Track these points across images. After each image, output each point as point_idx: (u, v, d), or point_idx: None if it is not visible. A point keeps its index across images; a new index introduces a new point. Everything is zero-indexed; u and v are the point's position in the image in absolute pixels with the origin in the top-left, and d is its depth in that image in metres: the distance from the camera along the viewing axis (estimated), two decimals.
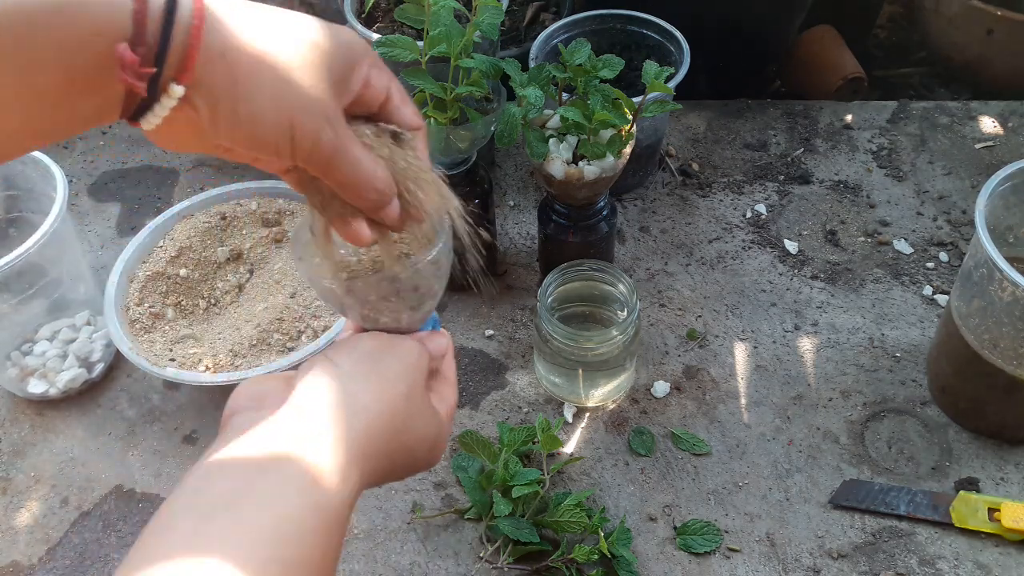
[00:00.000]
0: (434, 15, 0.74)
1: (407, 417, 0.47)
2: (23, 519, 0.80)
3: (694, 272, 0.97)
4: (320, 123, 0.43)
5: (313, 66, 0.42)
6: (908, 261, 0.97)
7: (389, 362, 0.48)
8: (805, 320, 0.92)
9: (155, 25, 0.38)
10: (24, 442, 0.86)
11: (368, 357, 0.47)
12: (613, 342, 0.78)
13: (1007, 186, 0.75)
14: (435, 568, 0.75)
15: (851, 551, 0.74)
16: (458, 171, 0.83)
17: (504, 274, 0.98)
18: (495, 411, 0.86)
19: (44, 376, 0.86)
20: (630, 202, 1.04)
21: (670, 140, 1.11)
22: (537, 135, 0.77)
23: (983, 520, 0.74)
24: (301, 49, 0.42)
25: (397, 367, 0.48)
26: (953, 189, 1.04)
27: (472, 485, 0.77)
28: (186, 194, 1.07)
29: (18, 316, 0.87)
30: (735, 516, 0.77)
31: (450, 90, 0.76)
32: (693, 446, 0.82)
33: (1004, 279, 0.68)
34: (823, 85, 1.20)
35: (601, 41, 0.99)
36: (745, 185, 1.06)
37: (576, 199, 0.83)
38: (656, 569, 0.74)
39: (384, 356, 0.48)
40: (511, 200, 1.06)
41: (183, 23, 0.38)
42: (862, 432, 0.83)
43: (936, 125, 1.12)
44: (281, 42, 0.41)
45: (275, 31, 0.41)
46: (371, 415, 0.45)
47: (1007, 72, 1.21)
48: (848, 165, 1.08)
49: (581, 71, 0.78)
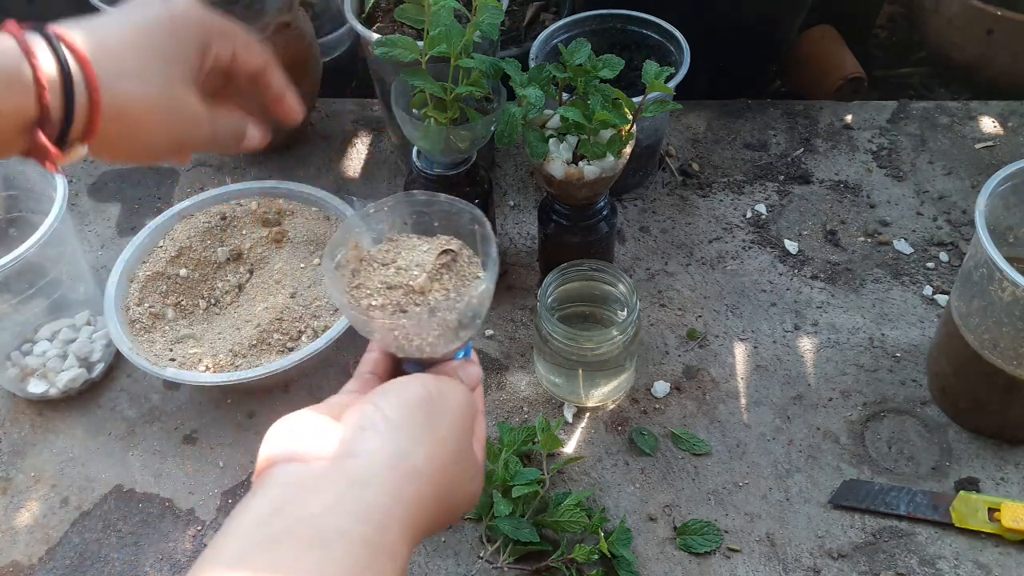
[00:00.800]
0: (434, 15, 0.74)
1: (455, 477, 0.45)
2: (23, 519, 0.80)
3: (694, 272, 0.97)
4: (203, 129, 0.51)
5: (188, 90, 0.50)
6: (908, 261, 0.97)
7: (440, 416, 0.45)
8: (805, 320, 0.92)
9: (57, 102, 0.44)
10: (24, 442, 0.86)
11: (419, 409, 0.44)
12: (613, 342, 0.78)
13: (1007, 186, 0.75)
14: (435, 568, 0.75)
15: (851, 551, 0.74)
16: (458, 171, 0.83)
17: (504, 274, 0.98)
18: (495, 411, 0.86)
19: (44, 376, 0.86)
20: (630, 202, 1.04)
21: (670, 140, 1.11)
22: (537, 135, 0.77)
23: (983, 520, 0.74)
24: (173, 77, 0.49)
25: (447, 421, 0.45)
26: (953, 189, 1.04)
27: None
28: (186, 194, 1.07)
29: (18, 316, 0.87)
30: (735, 516, 0.77)
31: (450, 90, 0.76)
32: (693, 446, 0.82)
33: (1004, 279, 0.68)
34: (823, 85, 1.20)
35: (601, 41, 0.99)
36: (745, 185, 1.06)
37: (576, 199, 0.83)
38: (656, 569, 0.74)
39: (435, 408, 0.45)
40: (511, 200, 1.06)
41: (80, 97, 0.45)
42: (862, 432, 0.83)
43: (936, 125, 1.12)
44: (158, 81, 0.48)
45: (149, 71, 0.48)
46: (423, 480, 0.42)
47: (1007, 72, 1.21)
48: (848, 165, 1.08)
49: (581, 71, 0.78)
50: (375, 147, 1.14)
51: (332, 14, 1.24)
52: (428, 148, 0.81)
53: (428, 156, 0.83)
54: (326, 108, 1.19)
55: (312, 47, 1.06)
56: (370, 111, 1.19)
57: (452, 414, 0.46)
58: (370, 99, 1.20)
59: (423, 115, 0.78)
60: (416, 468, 0.42)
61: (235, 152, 0.53)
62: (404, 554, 0.40)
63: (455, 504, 0.46)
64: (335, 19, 1.24)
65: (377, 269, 0.50)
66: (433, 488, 0.43)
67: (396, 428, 0.43)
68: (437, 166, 0.83)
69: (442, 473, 0.44)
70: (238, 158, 1.13)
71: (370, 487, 0.40)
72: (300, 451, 0.41)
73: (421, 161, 0.84)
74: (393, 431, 0.43)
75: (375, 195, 1.07)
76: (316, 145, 1.14)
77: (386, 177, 1.10)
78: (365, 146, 1.14)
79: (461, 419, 0.46)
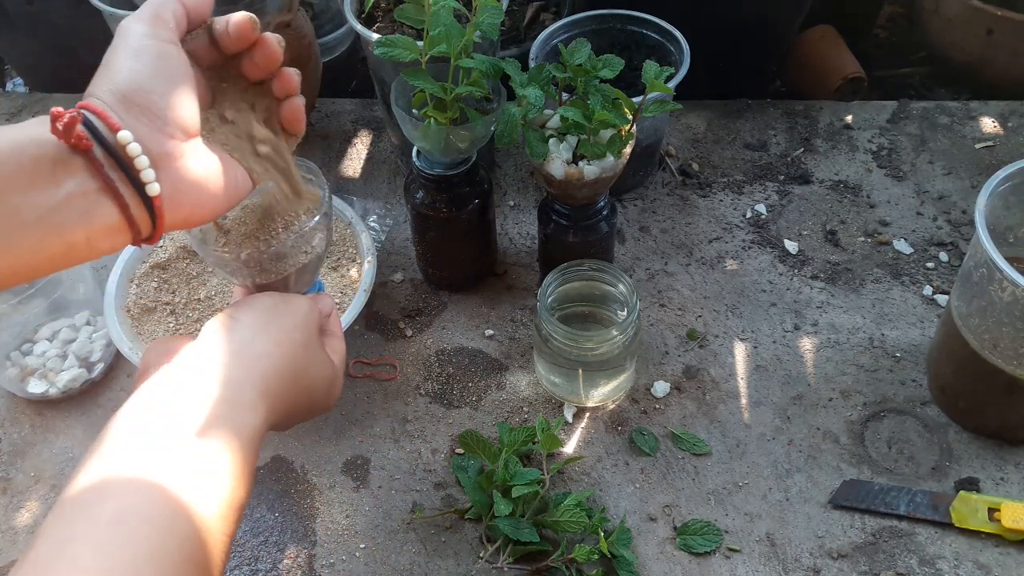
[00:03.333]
0: (434, 15, 0.74)
1: (305, 362, 0.55)
2: (23, 519, 0.80)
3: (694, 272, 0.97)
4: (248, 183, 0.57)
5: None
6: (908, 261, 0.97)
7: (284, 314, 0.55)
8: (805, 320, 0.92)
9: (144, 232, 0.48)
10: (24, 442, 0.86)
11: (265, 311, 0.55)
12: (613, 342, 0.78)
13: (1007, 186, 0.75)
14: (435, 568, 0.75)
15: (851, 551, 0.74)
16: (458, 171, 0.83)
17: (504, 274, 0.98)
18: (495, 411, 0.86)
19: (44, 376, 0.86)
20: (630, 202, 1.04)
21: (670, 140, 1.11)
22: (537, 135, 0.77)
23: (983, 520, 0.74)
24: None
25: (292, 319, 0.55)
26: (953, 189, 1.04)
27: (472, 485, 0.77)
28: None
29: (18, 316, 0.87)
30: (735, 516, 0.77)
31: (450, 90, 0.76)
32: (693, 446, 0.82)
33: (1004, 279, 0.68)
34: (823, 85, 1.20)
35: (601, 41, 0.99)
36: (745, 185, 1.06)
37: (576, 199, 0.83)
38: (656, 569, 0.74)
39: (279, 310, 0.55)
40: (511, 200, 1.06)
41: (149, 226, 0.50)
42: (862, 432, 0.83)
43: (936, 125, 1.12)
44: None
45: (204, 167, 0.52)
46: (272, 359, 0.52)
47: (1007, 72, 1.21)
48: (848, 165, 1.08)
49: (581, 71, 0.78)
50: (375, 147, 1.14)
51: (332, 14, 1.24)
52: (428, 148, 0.81)
53: (428, 156, 0.83)
54: (326, 108, 1.19)
55: (312, 47, 1.06)
56: (370, 111, 1.19)
57: (296, 315, 0.56)
58: (370, 99, 1.20)
59: (423, 115, 0.78)
60: (263, 350, 0.52)
61: None
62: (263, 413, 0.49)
63: (310, 388, 0.55)
64: (335, 19, 1.24)
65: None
66: (284, 366, 0.52)
67: (245, 324, 0.53)
68: (437, 166, 0.83)
69: (291, 357, 0.53)
70: None
71: (224, 367, 0.50)
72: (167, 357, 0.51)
73: (421, 161, 0.84)
74: (241, 326, 0.53)
75: (375, 195, 1.07)
76: (316, 145, 1.14)
77: (386, 177, 1.10)
78: (365, 146, 1.14)
79: (305, 319, 0.56)
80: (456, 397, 0.87)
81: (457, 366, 0.89)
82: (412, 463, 0.82)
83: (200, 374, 0.49)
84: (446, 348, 0.91)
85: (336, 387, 0.59)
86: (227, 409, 0.47)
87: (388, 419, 0.85)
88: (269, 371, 0.51)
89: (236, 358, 0.50)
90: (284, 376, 0.52)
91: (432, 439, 0.84)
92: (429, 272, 0.95)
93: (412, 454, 0.83)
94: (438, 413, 0.86)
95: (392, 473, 0.81)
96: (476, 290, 0.96)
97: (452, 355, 0.90)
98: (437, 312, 0.94)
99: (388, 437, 0.84)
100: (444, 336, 0.92)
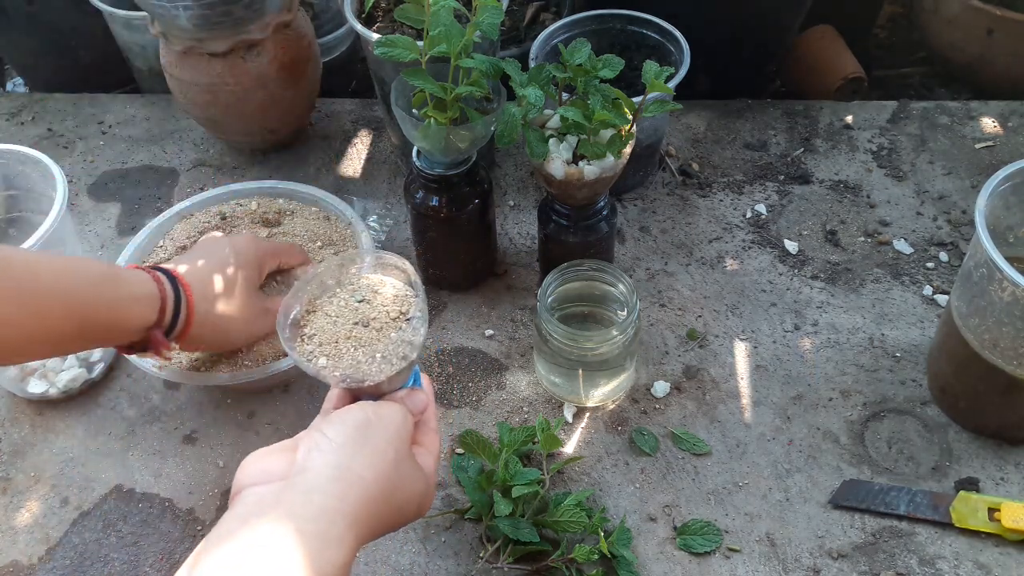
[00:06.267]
0: (434, 15, 0.74)
1: (397, 481, 0.54)
2: (23, 519, 0.80)
3: (694, 272, 0.97)
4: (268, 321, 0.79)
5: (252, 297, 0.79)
6: (908, 261, 0.97)
7: (377, 431, 0.54)
8: (805, 320, 0.92)
9: (169, 314, 0.71)
10: (24, 442, 0.86)
11: (357, 429, 0.54)
12: (613, 342, 0.78)
13: (1007, 186, 0.75)
14: (435, 568, 0.75)
15: (851, 551, 0.74)
16: (458, 171, 0.83)
17: (504, 274, 0.98)
18: (495, 411, 0.86)
19: (44, 376, 0.86)
20: (630, 202, 1.04)
21: (670, 140, 1.11)
22: (537, 135, 0.77)
23: (983, 520, 0.74)
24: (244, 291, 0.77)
25: (384, 434, 0.54)
26: (953, 189, 1.04)
27: (472, 485, 0.77)
28: (186, 194, 1.07)
29: None
30: (735, 516, 0.77)
31: (450, 90, 0.76)
32: (693, 446, 0.82)
33: (1004, 279, 0.68)
34: (823, 85, 1.20)
35: (601, 41, 0.99)
36: (745, 185, 1.06)
37: (576, 199, 0.83)
38: (656, 569, 0.74)
39: (372, 426, 0.54)
40: (511, 200, 1.06)
41: (183, 311, 0.72)
42: (862, 432, 0.83)
43: (936, 125, 1.12)
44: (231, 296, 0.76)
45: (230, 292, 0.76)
46: (366, 484, 0.51)
47: (1007, 72, 1.21)
48: (848, 165, 1.08)
49: (581, 71, 0.78)
50: (375, 147, 1.14)
51: (332, 14, 1.24)
52: (428, 148, 0.81)
53: (428, 156, 0.83)
54: (326, 108, 1.19)
55: (312, 47, 1.07)
56: (370, 111, 1.19)
57: (388, 429, 0.55)
58: (370, 99, 1.20)
59: (423, 115, 0.78)
60: (357, 475, 0.51)
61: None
62: (351, 544, 0.49)
63: (401, 504, 0.55)
64: (335, 19, 1.24)
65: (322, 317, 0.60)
66: (376, 489, 0.52)
67: (339, 445, 0.52)
68: (437, 166, 0.83)
69: (384, 478, 0.52)
70: (238, 158, 1.13)
71: (317, 493, 0.49)
72: (263, 476, 0.51)
73: (421, 161, 0.84)
74: (336, 448, 0.52)
75: (375, 195, 1.07)
76: (316, 145, 1.14)
77: (386, 177, 1.10)
78: (365, 146, 1.14)
79: (397, 432, 0.55)
80: (456, 397, 0.87)
81: (457, 366, 0.89)
82: None
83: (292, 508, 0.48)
84: (446, 348, 0.91)
85: (428, 497, 0.58)
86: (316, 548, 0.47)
87: None
88: (361, 498, 0.51)
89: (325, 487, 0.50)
90: (376, 500, 0.52)
91: None
92: (429, 272, 0.95)
93: None
94: (438, 413, 0.86)
95: None
96: (476, 290, 0.96)
97: (452, 355, 0.90)
98: (437, 312, 0.94)
99: None
100: (444, 336, 0.92)
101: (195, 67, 0.99)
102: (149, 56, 1.17)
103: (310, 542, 0.47)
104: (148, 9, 0.96)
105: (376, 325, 0.59)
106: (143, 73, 1.22)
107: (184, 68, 1.00)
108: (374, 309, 0.60)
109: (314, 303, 0.61)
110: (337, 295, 0.61)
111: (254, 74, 1.00)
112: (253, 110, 1.03)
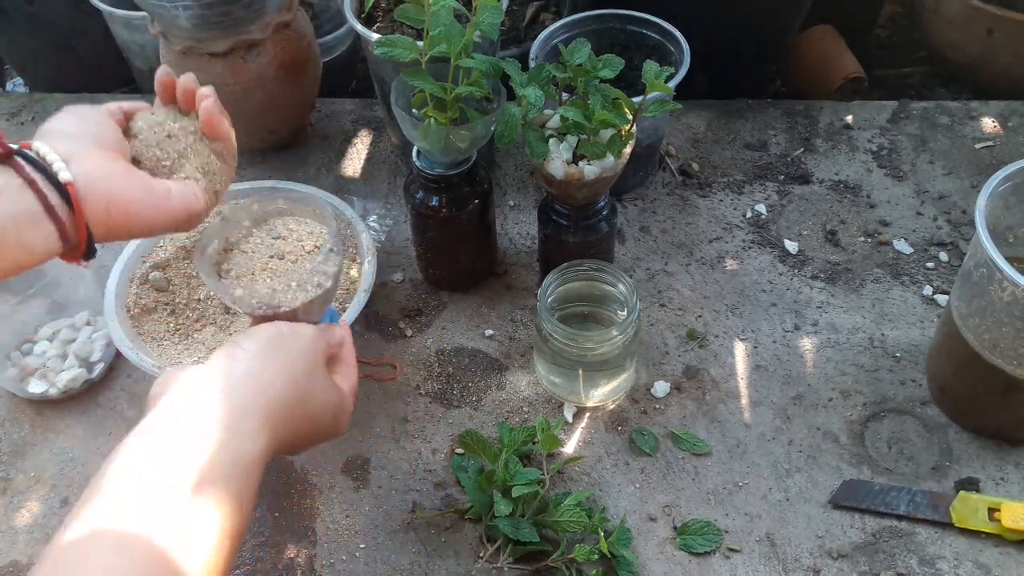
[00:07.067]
0: (434, 15, 0.74)
1: (308, 387, 0.57)
2: (23, 519, 0.80)
3: (694, 272, 0.97)
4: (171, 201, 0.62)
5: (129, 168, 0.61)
6: (908, 261, 0.97)
7: (289, 341, 0.57)
8: (805, 320, 0.92)
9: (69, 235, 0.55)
10: (24, 442, 0.86)
11: (269, 341, 0.57)
12: (613, 342, 0.78)
13: (1007, 186, 0.75)
14: (435, 568, 0.75)
15: (851, 551, 0.74)
16: (458, 171, 0.83)
17: (504, 274, 0.98)
18: (495, 411, 0.86)
19: (44, 376, 0.86)
20: (630, 202, 1.04)
21: (670, 140, 1.11)
22: (537, 135, 0.77)
23: (983, 520, 0.74)
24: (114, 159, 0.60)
25: (297, 345, 0.57)
26: (953, 189, 1.04)
27: (472, 485, 0.77)
28: None
29: (18, 316, 0.87)
30: (735, 516, 0.77)
31: (450, 90, 0.76)
32: (693, 446, 0.82)
33: (1004, 279, 0.68)
34: (823, 85, 1.20)
35: (601, 41, 0.99)
36: (745, 185, 1.06)
37: (576, 199, 0.83)
38: (656, 569, 0.74)
39: (284, 337, 0.57)
40: (511, 200, 1.06)
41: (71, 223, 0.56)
42: (862, 432, 0.83)
43: (936, 125, 1.12)
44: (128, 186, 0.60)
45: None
46: (275, 387, 0.54)
47: (1007, 72, 1.21)
48: (848, 165, 1.08)
49: (581, 71, 0.78)
50: (375, 147, 1.14)
51: (332, 14, 1.24)
52: (428, 148, 0.81)
53: (428, 156, 0.83)
54: (326, 108, 1.19)
55: (312, 47, 1.06)
56: (370, 111, 1.19)
57: (301, 340, 0.58)
58: (370, 99, 1.20)
59: (423, 115, 0.78)
60: (266, 379, 0.54)
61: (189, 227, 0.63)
62: (265, 442, 0.52)
63: (314, 411, 0.57)
64: (335, 19, 1.24)
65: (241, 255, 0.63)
66: (290, 394, 0.55)
67: (253, 355, 0.55)
68: (437, 166, 0.83)
69: (294, 384, 0.55)
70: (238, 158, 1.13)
71: (227, 397, 0.52)
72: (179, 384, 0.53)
73: (421, 161, 0.84)
74: (250, 357, 0.55)
75: (375, 195, 1.07)
76: (316, 145, 1.14)
77: (386, 177, 1.10)
78: (365, 146, 1.14)
79: (310, 344, 0.58)
80: (456, 397, 0.87)
81: (457, 366, 0.89)
82: (412, 463, 0.82)
83: (202, 404, 0.51)
84: (446, 348, 0.91)
85: (344, 413, 0.61)
86: (228, 436, 0.49)
87: (388, 419, 0.85)
88: (272, 399, 0.53)
89: (239, 387, 0.53)
90: (287, 403, 0.54)
91: (432, 439, 0.84)
92: (429, 272, 0.95)
93: (412, 454, 0.83)
94: (438, 413, 0.86)
95: (392, 473, 0.81)
96: (476, 290, 0.96)
97: (452, 355, 0.90)
98: (437, 312, 0.94)
99: (388, 437, 0.84)
100: (444, 336, 0.92)
101: (195, 67, 0.99)
102: (149, 56, 1.17)
103: (223, 432, 0.49)
104: (148, 9, 0.96)
105: (291, 258, 0.63)
106: (143, 73, 1.21)
107: (184, 68, 0.99)
108: (289, 244, 0.64)
109: (231, 243, 0.64)
110: (254, 234, 0.65)
111: (254, 74, 1.00)
112: (253, 110, 1.03)
